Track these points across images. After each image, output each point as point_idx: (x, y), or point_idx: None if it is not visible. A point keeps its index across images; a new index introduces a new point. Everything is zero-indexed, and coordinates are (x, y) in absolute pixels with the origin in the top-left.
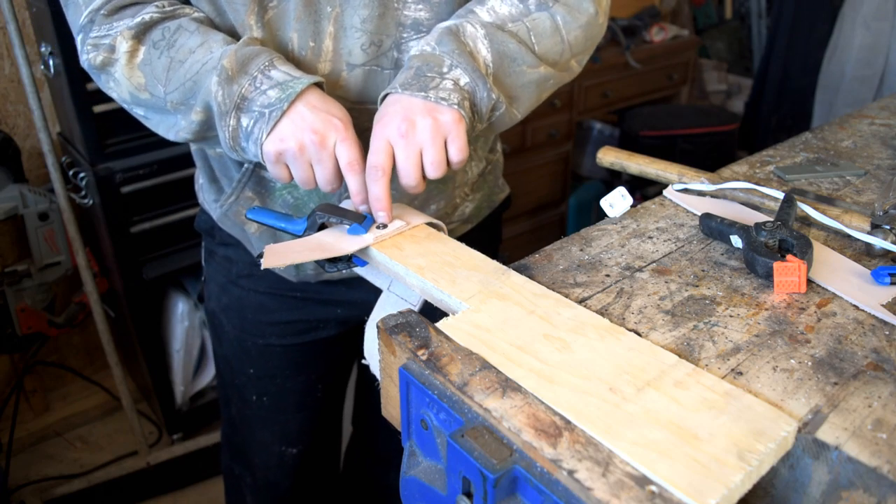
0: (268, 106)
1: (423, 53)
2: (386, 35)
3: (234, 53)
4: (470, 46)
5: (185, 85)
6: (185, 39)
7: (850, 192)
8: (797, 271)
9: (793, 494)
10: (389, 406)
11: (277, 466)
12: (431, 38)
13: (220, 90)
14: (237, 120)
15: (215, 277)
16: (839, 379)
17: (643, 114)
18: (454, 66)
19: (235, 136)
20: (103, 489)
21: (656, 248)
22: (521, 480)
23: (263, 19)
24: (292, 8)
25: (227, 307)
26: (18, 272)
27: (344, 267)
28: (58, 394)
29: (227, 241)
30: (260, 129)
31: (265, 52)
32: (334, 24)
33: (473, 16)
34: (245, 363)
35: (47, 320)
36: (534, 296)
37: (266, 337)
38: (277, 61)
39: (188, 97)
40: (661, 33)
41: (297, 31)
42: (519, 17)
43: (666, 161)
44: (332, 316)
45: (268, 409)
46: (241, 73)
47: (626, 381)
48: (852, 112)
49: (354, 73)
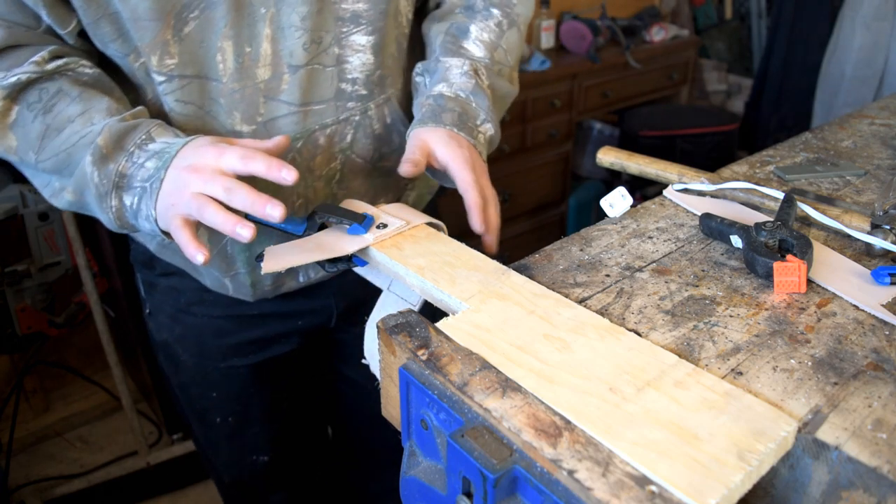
0: (147, 179)
1: (459, 101)
2: (325, 31)
3: (108, 130)
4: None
5: (58, 156)
6: (64, 106)
7: (850, 192)
8: (797, 271)
9: (793, 494)
10: (389, 406)
11: (250, 475)
12: (462, 84)
13: (96, 171)
14: (119, 200)
15: (162, 308)
16: (839, 379)
17: (643, 114)
18: (485, 121)
19: (121, 217)
20: (103, 489)
21: (656, 248)
22: (521, 480)
23: (182, 33)
24: (220, 15)
25: (182, 336)
26: (18, 272)
27: (344, 267)
28: (58, 394)
29: (168, 270)
30: (147, 206)
31: (143, 124)
32: (271, 26)
33: (468, 53)
34: (207, 388)
35: (47, 320)
36: (534, 296)
37: (227, 360)
38: (156, 132)
39: (61, 168)
40: (661, 33)
41: (231, 37)
42: (497, 40)
43: (666, 161)
44: (294, 328)
45: (233, 427)
46: (116, 150)
47: (626, 381)
48: (852, 112)
49: (298, 75)
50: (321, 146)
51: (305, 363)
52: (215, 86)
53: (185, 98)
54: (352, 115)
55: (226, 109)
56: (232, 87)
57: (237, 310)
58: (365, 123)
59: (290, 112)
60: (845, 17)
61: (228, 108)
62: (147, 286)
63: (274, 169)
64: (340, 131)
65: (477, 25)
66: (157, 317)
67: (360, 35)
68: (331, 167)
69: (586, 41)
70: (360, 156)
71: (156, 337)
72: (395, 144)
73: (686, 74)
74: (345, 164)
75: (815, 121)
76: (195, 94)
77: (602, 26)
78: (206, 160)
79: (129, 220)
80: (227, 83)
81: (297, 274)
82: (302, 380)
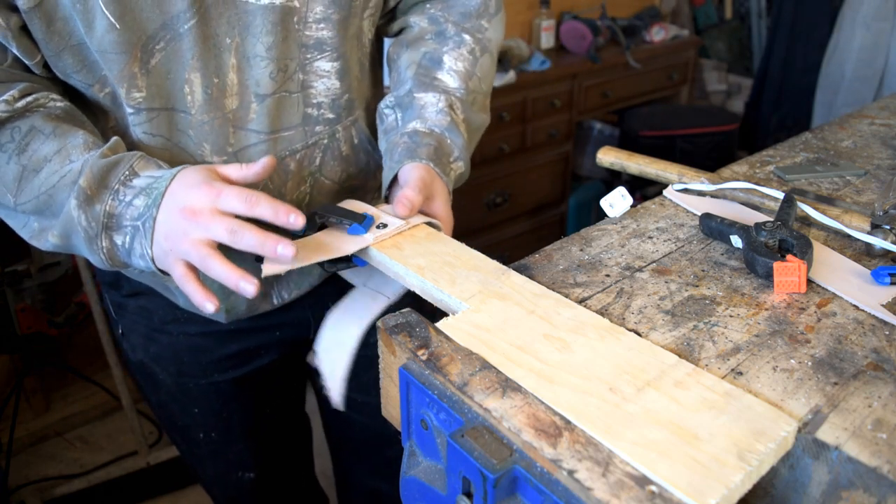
0: (138, 218)
1: (434, 136)
2: (290, 59)
3: (89, 169)
4: (463, 132)
5: (39, 198)
6: (38, 144)
7: (850, 192)
8: (797, 271)
9: (793, 494)
10: (389, 406)
11: (236, 491)
12: (438, 120)
13: (83, 214)
14: (110, 240)
15: (135, 329)
16: (839, 379)
17: (643, 114)
18: (458, 158)
19: (113, 257)
20: (103, 489)
21: (656, 248)
22: (521, 480)
23: (149, 66)
24: (187, 47)
25: (159, 356)
26: (18, 272)
27: (344, 267)
28: (58, 394)
29: (136, 290)
30: (142, 245)
31: (124, 159)
32: (236, 56)
33: (443, 85)
34: (188, 405)
35: (47, 320)
36: (534, 296)
37: (207, 376)
38: (139, 166)
39: (43, 209)
40: (661, 33)
41: (198, 69)
42: (472, 69)
43: (666, 161)
44: (273, 340)
45: (216, 443)
46: (101, 190)
47: (626, 381)
48: (852, 112)
49: (265, 104)
50: (291, 171)
51: (287, 374)
52: (184, 117)
53: (154, 131)
54: (320, 139)
55: (195, 141)
56: (201, 119)
57: (213, 327)
58: (333, 146)
59: (259, 141)
60: (845, 17)
61: (198, 140)
62: (116, 307)
63: (282, 214)
64: (309, 155)
65: (450, 55)
66: (130, 337)
67: (324, 61)
68: (300, 191)
69: (586, 41)
70: (328, 178)
71: (131, 357)
72: (363, 163)
73: (686, 74)
74: (314, 186)
75: (815, 121)
76: (164, 127)
77: (602, 26)
78: (203, 202)
79: (121, 259)
80: (195, 115)
81: (271, 296)
82: (284, 392)
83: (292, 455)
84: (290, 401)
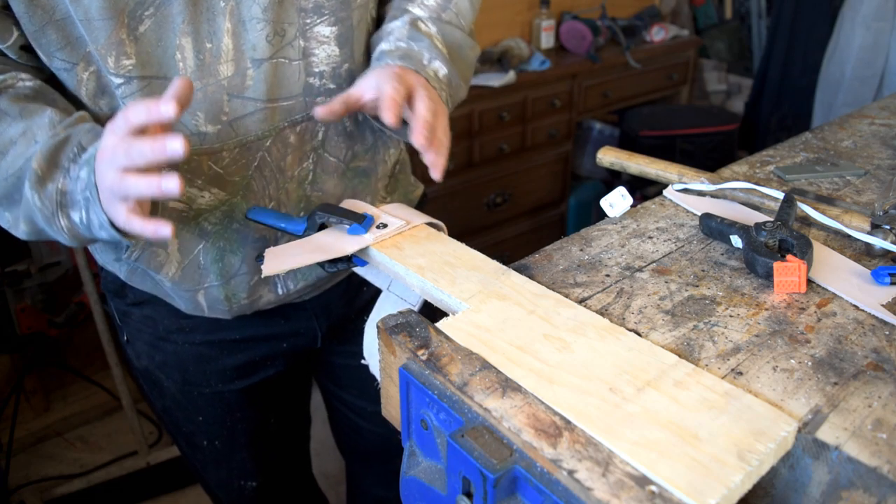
0: (85, 189)
1: (400, 49)
2: (288, 23)
3: (40, 152)
4: (434, 40)
5: (7, 181)
6: (4, 127)
7: (850, 192)
8: (797, 271)
9: (793, 494)
10: (389, 406)
11: (239, 498)
12: (399, 34)
13: (36, 195)
14: (67, 218)
15: (140, 337)
16: (839, 379)
17: (643, 114)
18: (433, 59)
19: (75, 234)
20: (103, 489)
21: (656, 248)
22: (521, 480)
23: (137, 32)
24: (177, 11)
25: (164, 364)
26: (18, 272)
27: (344, 267)
28: (58, 394)
29: (140, 299)
30: (97, 214)
31: (73, 135)
32: (231, 19)
33: (411, 14)
34: (192, 413)
35: (47, 320)
36: (534, 296)
37: (213, 385)
38: (86, 140)
39: (12, 193)
40: (661, 33)
41: (189, 34)
42: (445, 3)
43: (666, 161)
44: (279, 350)
45: (220, 451)
46: (52, 169)
47: (626, 381)
48: (852, 112)
49: (262, 69)
50: (291, 144)
51: (292, 385)
52: None
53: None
54: None
55: (189, 110)
56: (193, 86)
57: (218, 335)
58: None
59: (256, 109)
60: (845, 17)
61: (191, 109)
62: (121, 315)
63: (153, 106)
64: (311, 128)
65: None
66: (135, 345)
67: (323, 26)
68: (303, 167)
69: (586, 41)
70: (332, 154)
71: (136, 363)
72: (369, 143)
73: (686, 74)
74: (317, 163)
75: (815, 121)
76: (155, 96)
77: (602, 26)
78: (106, 141)
79: (83, 234)
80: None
81: (276, 286)
82: (289, 402)
83: (294, 460)
84: (294, 410)
